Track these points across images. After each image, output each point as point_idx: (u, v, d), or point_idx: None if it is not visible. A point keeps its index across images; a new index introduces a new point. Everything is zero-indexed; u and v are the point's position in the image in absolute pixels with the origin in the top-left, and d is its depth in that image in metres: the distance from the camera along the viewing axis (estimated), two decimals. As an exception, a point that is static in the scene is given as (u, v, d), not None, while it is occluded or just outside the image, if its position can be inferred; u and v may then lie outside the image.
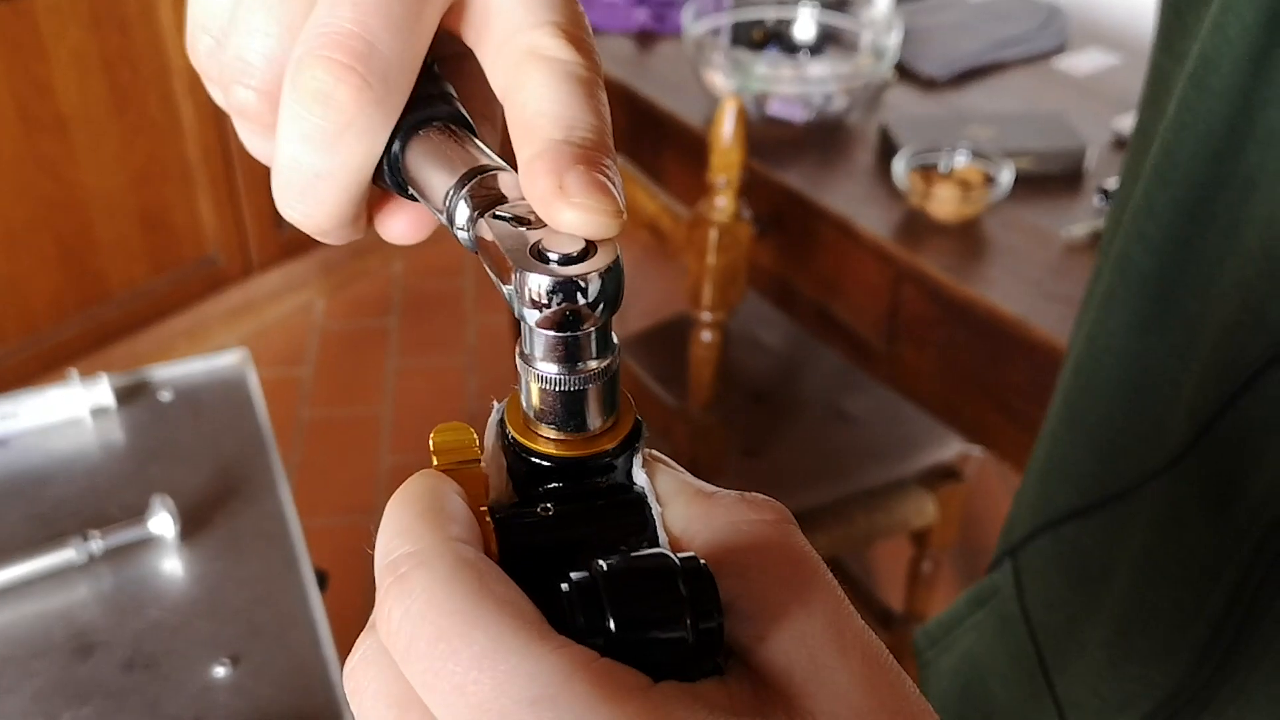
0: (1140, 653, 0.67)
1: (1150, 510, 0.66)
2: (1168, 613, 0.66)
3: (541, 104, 0.36)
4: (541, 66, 0.37)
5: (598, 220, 0.34)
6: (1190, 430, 0.62)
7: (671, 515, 0.35)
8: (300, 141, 0.37)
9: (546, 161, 0.35)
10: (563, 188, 0.34)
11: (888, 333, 1.90)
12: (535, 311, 0.33)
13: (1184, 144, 0.60)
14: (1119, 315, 0.67)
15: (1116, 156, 1.98)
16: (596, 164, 0.35)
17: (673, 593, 0.31)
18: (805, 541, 0.34)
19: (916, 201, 1.84)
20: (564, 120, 0.36)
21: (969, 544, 2.68)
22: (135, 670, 1.04)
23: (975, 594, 0.84)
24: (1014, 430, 1.76)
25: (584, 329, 0.34)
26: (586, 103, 0.37)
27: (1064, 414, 0.74)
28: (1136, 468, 0.67)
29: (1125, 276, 0.66)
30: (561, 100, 0.36)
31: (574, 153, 0.35)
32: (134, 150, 2.96)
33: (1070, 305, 1.65)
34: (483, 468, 0.36)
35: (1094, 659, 0.70)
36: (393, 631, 0.31)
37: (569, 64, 0.37)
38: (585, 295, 0.33)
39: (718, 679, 0.31)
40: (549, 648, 0.29)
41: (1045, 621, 0.75)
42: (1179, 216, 0.62)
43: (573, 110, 0.36)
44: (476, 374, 3.27)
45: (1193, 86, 0.59)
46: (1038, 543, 0.76)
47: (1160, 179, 0.62)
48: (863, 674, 0.31)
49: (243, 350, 1.39)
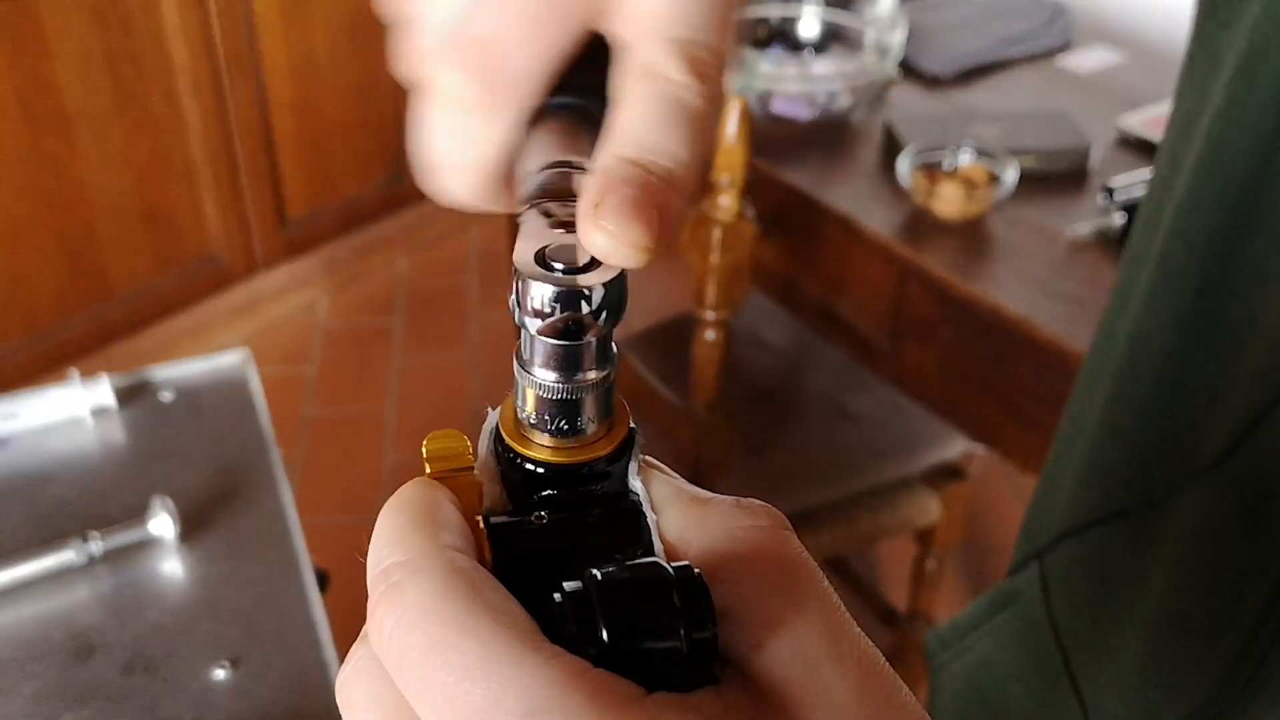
0: (1172, 662, 0.66)
1: (1185, 517, 0.65)
2: (1201, 622, 0.65)
3: (631, 120, 0.36)
4: (646, 83, 0.36)
5: (619, 250, 0.33)
6: (1228, 437, 0.61)
7: (666, 522, 0.35)
8: (434, 132, 0.39)
9: (600, 177, 0.34)
10: (599, 207, 0.33)
11: (892, 331, 1.89)
12: (535, 319, 0.33)
13: (1231, 139, 0.59)
14: (1159, 315, 0.65)
15: (1122, 155, 1.98)
16: (650, 192, 0.33)
17: (667, 603, 0.31)
18: (801, 548, 0.34)
19: (921, 200, 1.83)
20: (641, 141, 0.35)
21: (973, 543, 2.68)
22: (135, 672, 1.04)
23: (994, 597, 0.82)
24: (1019, 429, 1.76)
25: (585, 339, 0.34)
26: (678, 131, 0.35)
27: (1102, 416, 0.72)
28: (1172, 473, 0.66)
29: (1167, 275, 0.64)
30: (648, 121, 0.35)
31: (630, 175, 0.34)
32: (137, 148, 2.96)
33: (1075, 304, 1.65)
34: (476, 475, 0.36)
35: (1124, 667, 0.69)
36: (384, 641, 0.30)
37: (675, 85, 0.36)
38: (588, 304, 0.33)
39: (713, 689, 0.31)
40: (542, 658, 0.29)
41: (1073, 627, 0.74)
42: (1224, 215, 0.60)
43: (655, 134, 0.35)
44: (481, 372, 3.27)
45: (1241, 77, 0.57)
46: (1066, 546, 0.74)
47: (1205, 175, 0.60)
48: (859, 682, 0.31)
49: (244, 350, 1.38)
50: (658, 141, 0.35)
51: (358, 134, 3.43)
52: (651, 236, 0.33)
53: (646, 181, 0.34)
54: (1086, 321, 1.61)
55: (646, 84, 0.36)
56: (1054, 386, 1.66)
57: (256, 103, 3.15)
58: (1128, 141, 2.01)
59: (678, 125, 0.35)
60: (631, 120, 0.35)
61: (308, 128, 3.31)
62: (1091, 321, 1.59)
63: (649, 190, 0.33)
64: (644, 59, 0.36)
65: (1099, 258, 1.74)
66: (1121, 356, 0.69)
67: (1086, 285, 1.69)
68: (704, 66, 0.36)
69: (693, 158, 0.35)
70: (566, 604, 0.31)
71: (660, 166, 0.34)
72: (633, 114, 0.36)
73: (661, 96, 0.36)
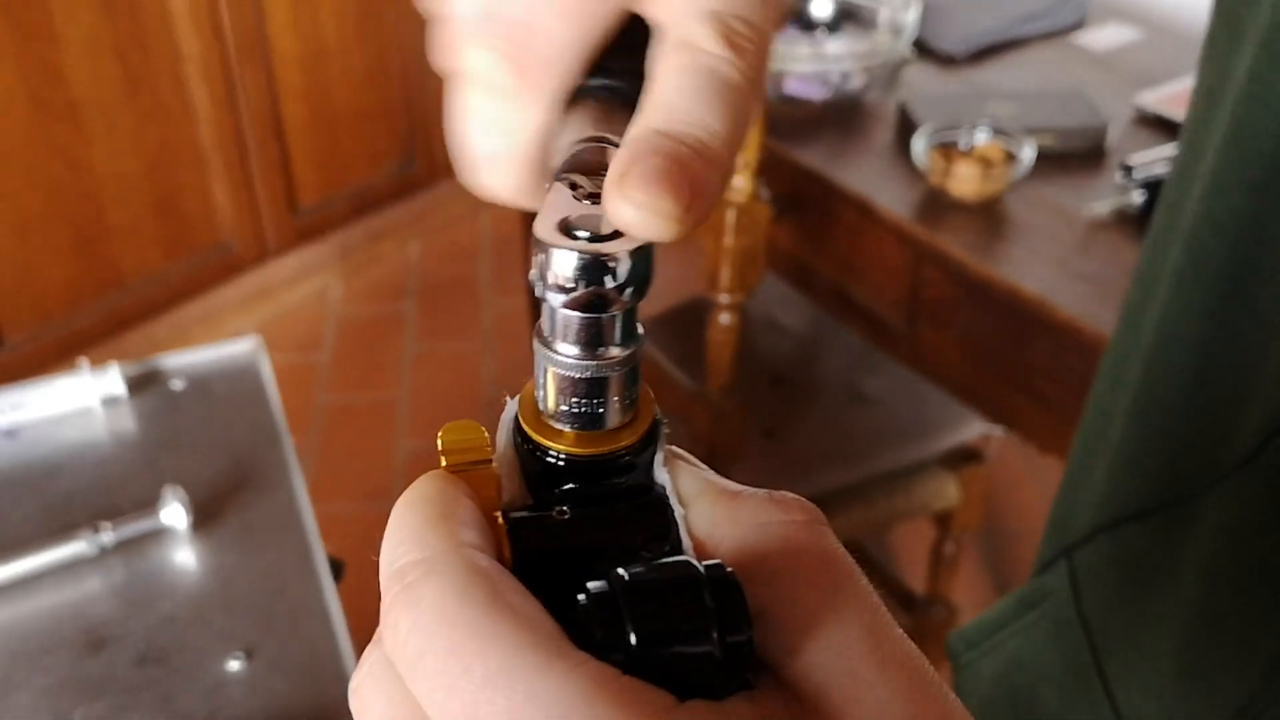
0: (1209, 663, 0.64)
1: (1219, 514, 0.63)
2: (1237, 622, 0.63)
3: (663, 92, 0.34)
4: (682, 55, 0.35)
5: (646, 221, 0.31)
6: (1262, 429, 0.59)
7: (695, 517, 0.33)
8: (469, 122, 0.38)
9: (629, 148, 0.32)
10: (625, 176, 0.31)
11: (908, 313, 1.88)
12: (557, 291, 0.32)
13: (1255, 118, 0.56)
14: (1189, 303, 0.63)
15: (1138, 133, 1.96)
16: (681, 162, 0.32)
17: (698, 604, 0.29)
18: (838, 543, 0.32)
19: (936, 180, 1.81)
20: (675, 113, 0.33)
21: (991, 526, 2.67)
22: (148, 665, 1.03)
23: (1023, 596, 0.80)
24: (1036, 411, 1.74)
25: (609, 312, 0.32)
26: (711, 102, 0.34)
27: (1132, 408, 0.70)
28: (1205, 468, 0.64)
29: (1194, 261, 0.62)
30: (682, 92, 0.34)
31: (660, 145, 0.32)
32: (147, 135, 2.95)
33: (1093, 284, 1.63)
34: (494, 468, 0.34)
35: (1159, 669, 0.67)
36: (400, 644, 0.29)
37: (711, 58, 0.35)
38: (613, 275, 0.31)
39: (747, 695, 0.29)
40: (568, 666, 0.27)
41: (1105, 628, 0.72)
42: (1251, 198, 0.58)
43: (690, 105, 0.34)
44: (493, 358, 3.26)
45: (1265, 54, 0.55)
46: (1096, 544, 0.72)
47: (1230, 157, 0.58)
48: (904, 688, 0.29)
49: (255, 338, 1.37)
50: (690, 112, 0.33)
51: (368, 120, 3.42)
52: (680, 207, 0.31)
53: (677, 152, 0.32)
54: (1105, 301, 1.59)
55: (680, 56, 0.35)
56: (1072, 367, 1.64)
57: (266, 90, 3.14)
58: (1145, 119, 1.99)
59: (712, 97, 0.34)
60: (664, 92, 0.34)
61: (318, 114, 3.29)
62: (1110, 301, 1.57)
63: (679, 160, 0.32)
64: (679, 33, 0.35)
65: (1118, 237, 1.72)
66: (1150, 346, 0.67)
67: (1105, 265, 1.67)
68: (741, 39, 0.35)
69: (728, 130, 0.34)
70: (592, 606, 0.29)
71: (692, 137, 0.33)
72: (665, 86, 0.34)
73: (695, 69, 0.34)
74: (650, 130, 0.33)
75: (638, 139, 0.33)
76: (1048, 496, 2.69)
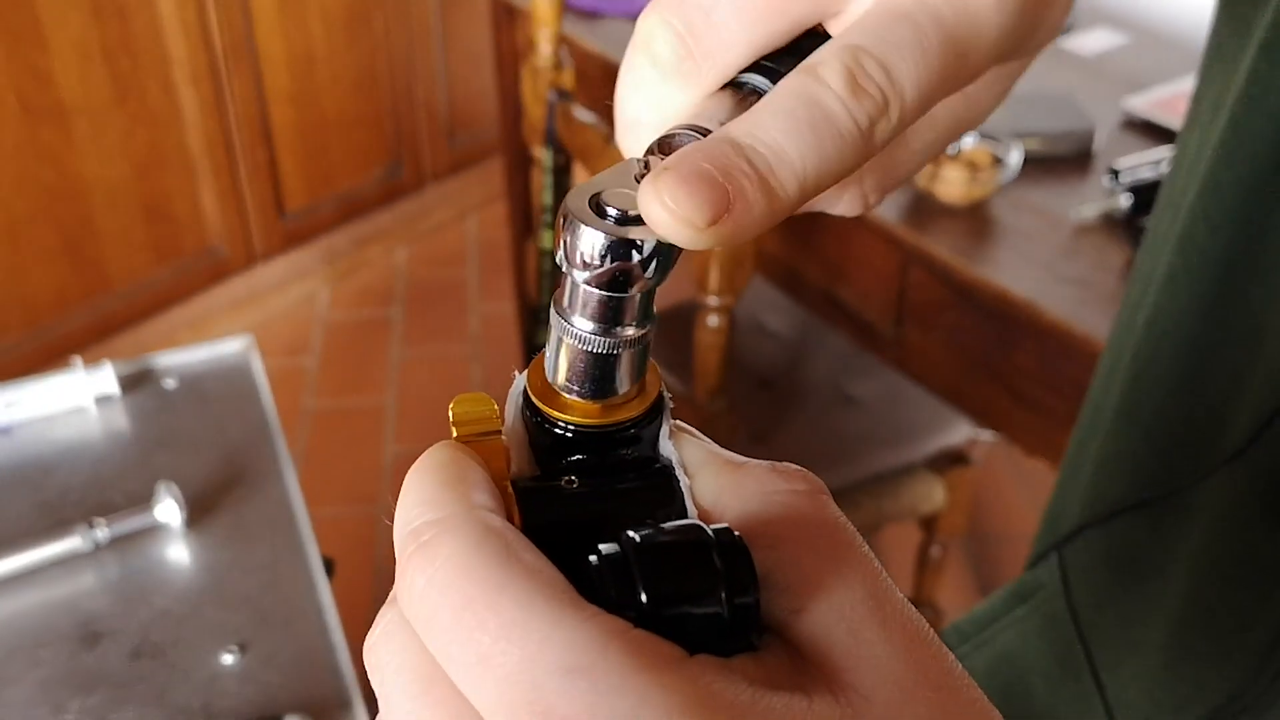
0: (1197, 655, 0.65)
1: (1208, 507, 0.63)
2: (1226, 614, 0.63)
3: (761, 107, 0.33)
4: (799, 78, 0.34)
5: (667, 220, 0.31)
6: (1251, 425, 0.60)
7: (700, 487, 0.34)
8: (628, 85, 0.38)
9: (694, 145, 0.32)
10: (666, 170, 0.31)
11: (895, 317, 1.89)
12: (581, 267, 0.32)
13: (1253, 120, 0.57)
14: (1180, 300, 0.64)
15: (1126, 137, 1.97)
16: (730, 175, 0.31)
17: (707, 566, 0.30)
18: (839, 512, 0.33)
19: (924, 184, 1.82)
20: (756, 129, 0.33)
21: (978, 529, 2.68)
22: (142, 659, 1.03)
23: (1015, 589, 0.80)
24: (1024, 414, 1.75)
25: (632, 291, 0.33)
26: (799, 131, 0.33)
27: (1120, 404, 0.70)
28: (1195, 462, 0.64)
29: (1187, 259, 0.63)
30: (775, 113, 0.33)
31: (717, 152, 0.32)
32: (135, 140, 2.95)
33: (1081, 287, 1.64)
34: (504, 440, 0.35)
35: (1148, 660, 0.68)
36: (415, 600, 0.29)
37: (824, 90, 0.33)
38: (639, 253, 0.32)
39: (753, 654, 0.30)
40: (582, 617, 0.28)
41: (1095, 621, 0.72)
42: (1247, 198, 0.58)
43: (774, 126, 0.33)
44: (481, 363, 3.26)
45: (1264, 56, 0.55)
46: (1086, 537, 0.72)
47: (1227, 157, 0.59)
48: (905, 646, 0.30)
49: (247, 337, 1.38)
50: (769, 133, 0.32)
51: (356, 125, 3.42)
52: (704, 219, 0.31)
53: (731, 166, 0.32)
54: (1092, 304, 1.60)
55: (797, 78, 0.34)
56: (1060, 370, 1.65)
57: (254, 94, 3.14)
58: (1132, 123, 2.00)
59: (801, 127, 0.33)
60: (761, 107, 0.33)
61: (306, 119, 3.30)
62: (1097, 304, 1.58)
63: (729, 173, 0.31)
64: (814, 58, 0.34)
65: (1105, 240, 1.73)
66: (1141, 342, 0.68)
67: (1092, 268, 1.68)
68: (869, 83, 0.34)
69: (803, 165, 0.33)
70: (604, 567, 0.30)
71: (760, 157, 0.32)
72: (768, 101, 0.34)
73: (801, 94, 0.33)
74: (722, 137, 0.32)
75: (708, 141, 0.32)
76: (1034, 500, 2.70)
